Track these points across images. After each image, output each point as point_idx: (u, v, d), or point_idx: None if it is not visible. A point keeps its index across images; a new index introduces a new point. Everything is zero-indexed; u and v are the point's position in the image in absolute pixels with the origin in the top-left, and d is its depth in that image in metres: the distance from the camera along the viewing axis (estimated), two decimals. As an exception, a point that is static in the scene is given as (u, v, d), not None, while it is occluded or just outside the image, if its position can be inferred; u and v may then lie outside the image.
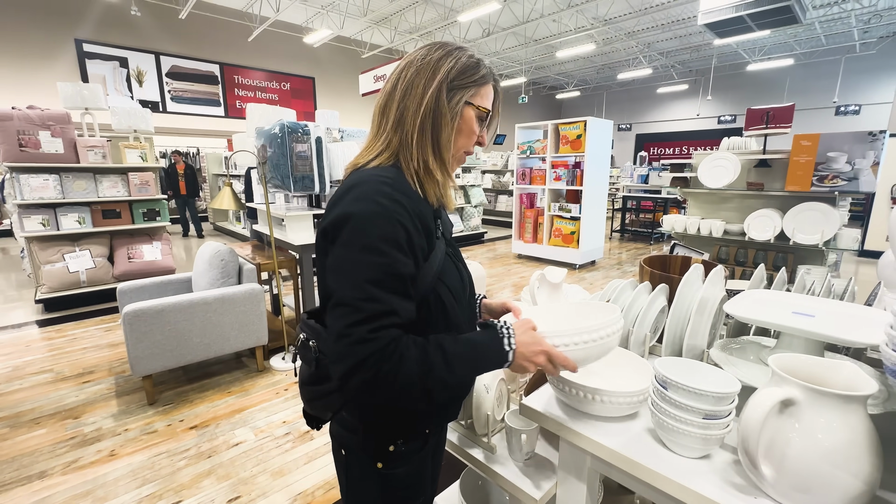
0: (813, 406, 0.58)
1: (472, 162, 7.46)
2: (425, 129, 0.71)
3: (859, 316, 0.80)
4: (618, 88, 17.02)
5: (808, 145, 2.40)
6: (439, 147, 0.72)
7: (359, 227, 0.62)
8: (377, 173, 0.68)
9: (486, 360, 0.67)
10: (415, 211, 0.65)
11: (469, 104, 0.73)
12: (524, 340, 0.69)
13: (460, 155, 0.77)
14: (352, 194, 0.65)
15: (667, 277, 1.10)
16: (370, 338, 0.58)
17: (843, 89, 11.94)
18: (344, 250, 0.62)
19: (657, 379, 0.74)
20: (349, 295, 0.60)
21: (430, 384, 0.61)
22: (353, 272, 0.61)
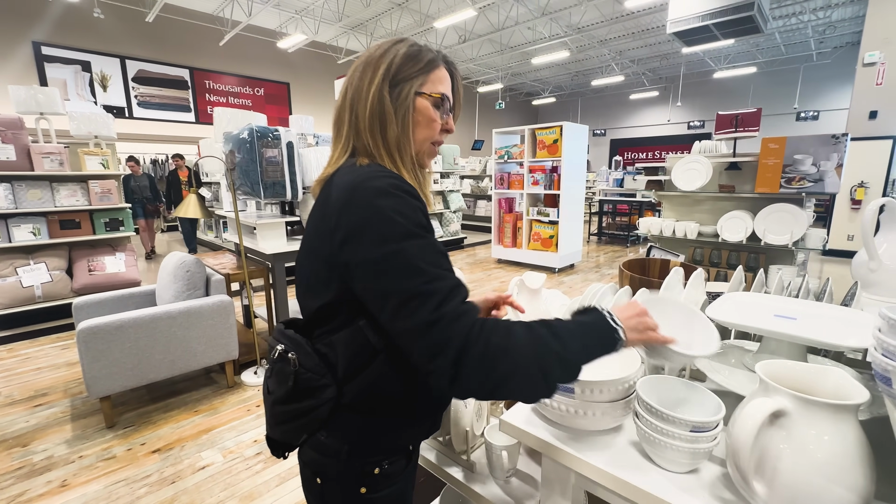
0: (804, 416, 0.55)
1: (451, 167, 7.45)
2: (374, 130, 0.68)
3: (841, 318, 0.79)
4: (592, 95, 17.41)
5: (775, 148, 2.46)
6: (397, 147, 0.69)
7: (385, 223, 0.58)
8: (374, 169, 0.64)
9: (594, 339, 0.61)
10: (420, 197, 0.64)
11: (420, 94, 0.69)
12: (626, 314, 0.66)
13: (427, 148, 0.73)
14: (357, 196, 0.61)
15: (647, 281, 1.08)
16: (464, 310, 0.56)
17: (802, 96, 12.54)
18: (383, 247, 0.58)
19: (641, 405, 0.70)
20: (413, 285, 0.56)
21: (545, 356, 0.57)
22: (405, 263, 0.57)
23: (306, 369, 0.67)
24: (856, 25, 9.89)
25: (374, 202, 0.59)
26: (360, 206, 0.59)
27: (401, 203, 0.59)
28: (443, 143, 0.78)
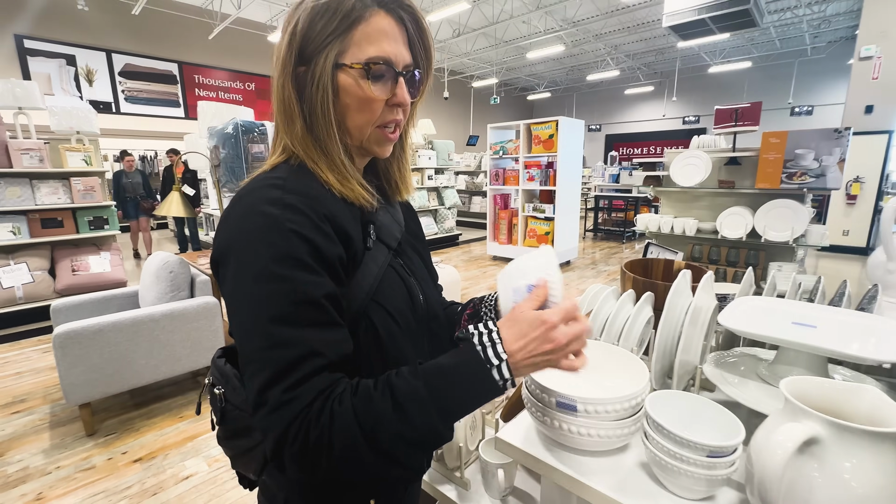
0: (839, 445, 0.48)
1: (445, 163, 7.36)
2: (285, 126, 0.56)
3: (865, 326, 0.72)
4: (587, 90, 17.34)
5: (776, 143, 2.40)
6: (316, 144, 0.55)
7: (244, 252, 0.47)
8: (265, 176, 0.52)
9: (464, 390, 0.47)
10: (322, 214, 0.50)
11: (340, 67, 0.52)
12: (515, 334, 0.49)
13: (374, 134, 0.57)
14: (234, 212, 0.50)
15: (651, 284, 1.01)
16: (287, 399, 0.43)
17: (796, 91, 12.55)
18: (234, 286, 0.48)
19: (651, 424, 0.64)
20: (252, 346, 0.46)
21: (383, 443, 0.45)
22: (249, 313, 0.46)
23: (234, 405, 0.58)
24: (850, 20, 9.88)
25: (239, 223, 0.49)
26: (227, 226, 0.50)
27: (269, 226, 0.46)
28: (401, 120, 0.59)
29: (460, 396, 0.48)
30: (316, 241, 0.48)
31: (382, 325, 0.56)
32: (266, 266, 0.46)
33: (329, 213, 0.51)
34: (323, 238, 0.49)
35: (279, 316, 0.45)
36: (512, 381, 0.49)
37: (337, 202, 0.54)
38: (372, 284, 0.56)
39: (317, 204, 0.50)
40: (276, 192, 0.49)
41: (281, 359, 0.44)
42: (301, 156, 0.55)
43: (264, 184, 0.51)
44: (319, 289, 0.47)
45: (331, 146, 0.55)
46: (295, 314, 0.45)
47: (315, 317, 0.47)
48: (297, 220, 0.48)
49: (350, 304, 0.53)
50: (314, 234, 0.48)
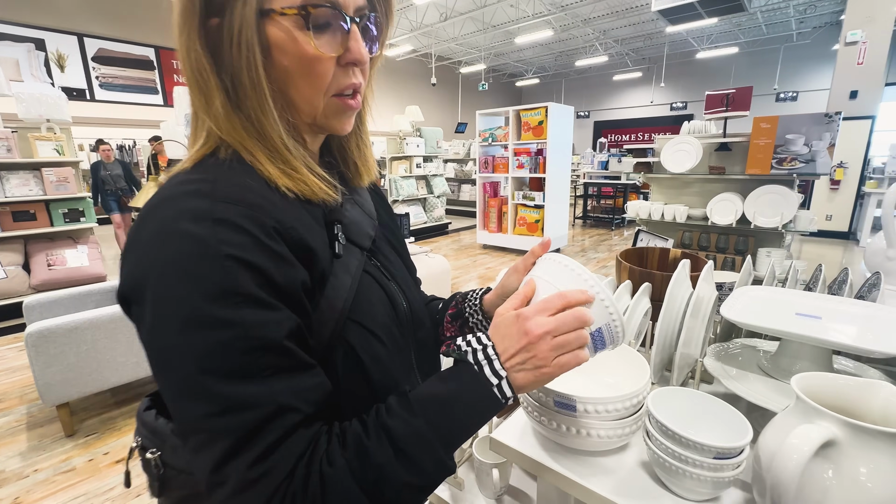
0: (856, 446, 0.46)
1: (434, 151, 7.26)
2: (202, 105, 0.43)
3: (871, 315, 0.70)
4: (575, 76, 17.23)
5: (767, 128, 2.39)
6: (249, 124, 0.42)
7: (164, 291, 0.35)
8: (185, 179, 0.40)
9: (469, 418, 0.41)
10: (270, 227, 0.38)
11: (267, 14, 0.39)
12: (498, 340, 0.43)
13: (330, 105, 0.45)
14: (145, 230, 0.37)
15: (648, 274, 0.98)
16: (257, 476, 0.34)
17: (782, 77, 12.63)
18: (155, 335, 0.36)
19: (653, 424, 0.60)
20: (194, 413, 0.35)
21: (390, 498, 0.38)
22: (184, 371, 0.35)
23: (177, 470, 0.47)
24: (836, 5, 9.91)
25: (153, 250, 0.36)
26: (136, 252, 0.38)
27: (196, 253, 0.35)
28: (359, 84, 0.46)
29: (465, 425, 0.42)
30: (265, 266, 0.36)
31: (364, 348, 0.46)
32: (199, 309, 0.34)
33: (280, 224, 0.39)
34: (275, 261, 0.37)
35: (229, 371, 0.34)
36: (515, 398, 0.43)
37: (290, 205, 0.42)
38: (347, 300, 0.45)
39: (261, 213, 0.38)
40: (201, 201, 0.36)
41: (240, 425, 0.34)
42: (232, 144, 0.42)
43: (184, 190, 0.38)
44: (278, 328, 0.36)
45: (268, 127, 0.43)
46: (250, 365, 0.35)
47: (278, 363, 0.36)
48: (235, 240, 0.36)
49: (322, 330, 0.43)
50: (262, 258, 0.36)
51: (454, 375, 0.43)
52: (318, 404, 0.39)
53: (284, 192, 0.42)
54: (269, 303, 0.36)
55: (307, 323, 0.41)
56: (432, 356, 0.63)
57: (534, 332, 0.41)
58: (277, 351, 0.37)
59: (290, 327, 0.38)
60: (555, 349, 0.42)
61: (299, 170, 0.44)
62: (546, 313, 0.43)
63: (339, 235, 0.47)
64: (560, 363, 0.42)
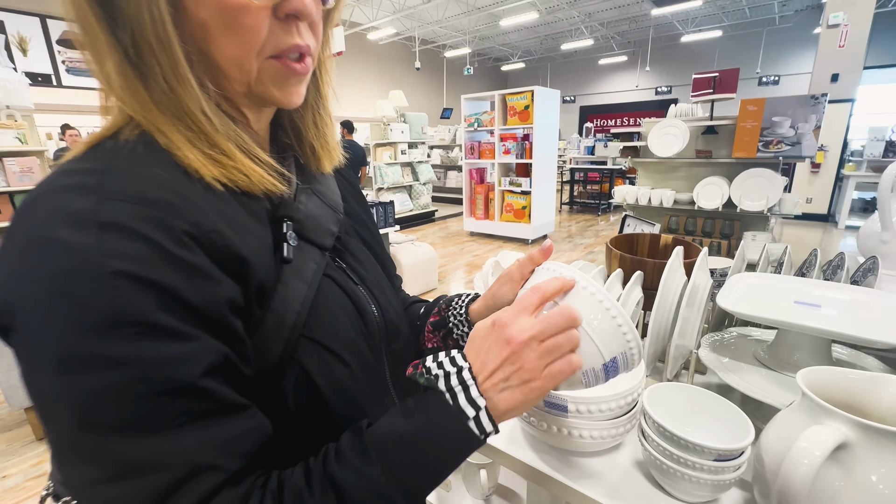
0: (868, 448, 0.42)
1: (419, 137, 7.12)
2: (103, 55, 0.33)
3: (871, 303, 0.67)
4: (561, 60, 17.08)
5: (754, 110, 2.36)
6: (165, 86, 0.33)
7: (35, 318, 0.27)
8: (68, 169, 0.31)
9: (438, 461, 0.35)
10: (181, 230, 0.30)
11: None
12: (473, 357, 0.37)
13: (268, 68, 0.36)
14: (15, 238, 0.29)
15: (640, 262, 0.94)
16: None
17: (764, 61, 12.71)
18: (31, 378, 0.28)
19: (650, 424, 0.57)
20: (81, 478, 0.28)
21: None
22: (64, 425, 0.27)
23: None
24: (817, -13, 9.95)
25: (21, 263, 0.28)
26: (2, 267, 0.29)
27: (74, 271, 0.27)
28: (307, 46, 0.37)
29: (433, 472, 0.35)
30: (172, 283, 0.28)
31: (321, 372, 0.39)
32: (78, 345, 0.26)
33: (197, 227, 0.31)
34: (186, 276, 0.29)
35: (123, 424, 0.27)
36: (495, 429, 0.36)
37: (216, 201, 0.34)
38: (300, 313, 0.38)
39: (168, 213, 0.29)
40: (83, 200, 0.28)
41: (140, 494, 0.27)
42: (142, 122, 0.33)
43: (63, 184, 0.29)
44: (191, 364, 0.29)
45: (186, 99, 0.33)
46: (153, 415, 0.27)
47: (191, 409, 0.29)
48: (128, 251, 0.27)
49: (267, 352, 0.36)
50: (167, 273, 0.28)
51: (421, 407, 0.35)
52: (249, 456, 0.32)
53: (210, 183, 0.34)
54: (178, 331, 0.28)
55: (240, 350, 0.33)
56: None
57: (516, 339, 0.35)
58: (191, 393, 0.29)
59: (209, 361, 0.30)
60: (543, 356, 0.35)
61: (231, 154, 0.35)
62: (526, 313, 0.37)
63: (289, 235, 0.39)
64: (551, 373, 0.36)
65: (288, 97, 0.39)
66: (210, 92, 0.35)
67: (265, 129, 0.45)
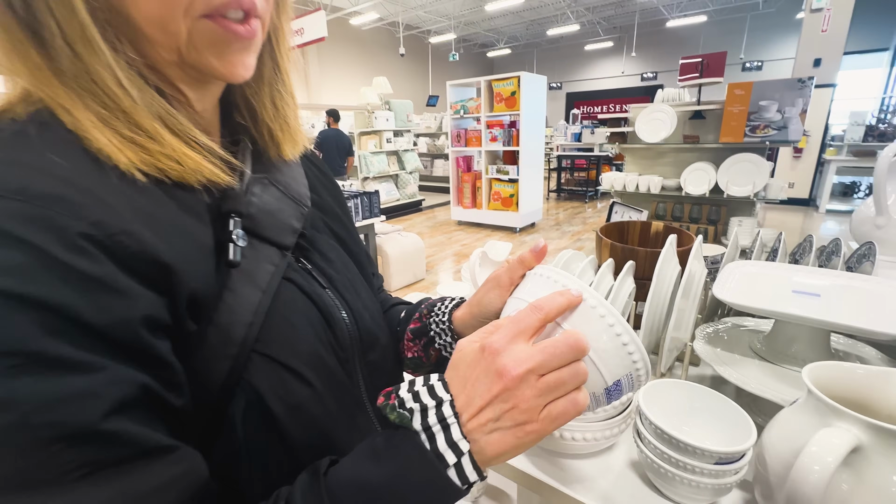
0: (882, 451, 0.39)
1: (404, 125, 6.99)
2: None
3: (872, 291, 0.64)
4: (547, 46, 16.94)
5: (741, 94, 2.34)
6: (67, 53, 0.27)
7: None
8: None
9: None
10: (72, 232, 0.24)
11: None
12: (479, 391, 0.30)
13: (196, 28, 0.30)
14: None
15: (631, 251, 0.90)
16: None
17: (748, 46, 12.78)
18: None
19: (646, 425, 0.53)
20: None
21: None
22: None
23: None
24: (800, -28, 9.98)
25: None
26: None
27: None
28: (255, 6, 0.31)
29: None
30: (63, 300, 0.23)
31: (278, 395, 0.33)
32: None
33: (100, 227, 0.25)
34: (84, 289, 0.24)
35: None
36: (480, 477, 0.30)
37: (136, 194, 0.28)
38: (252, 325, 0.33)
39: (61, 211, 0.24)
40: None
41: None
42: (43, 97, 0.27)
43: None
44: (92, 401, 0.23)
45: (96, 67, 0.27)
46: (40, 469, 0.22)
47: (93, 458, 0.23)
48: (5, 260, 0.22)
49: (210, 373, 0.31)
50: (56, 287, 0.23)
51: (391, 449, 0.29)
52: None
53: (128, 172, 0.28)
54: (72, 362, 0.23)
55: (167, 377, 0.27)
56: (391, 382, 0.51)
57: (511, 372, 0.29)
58: (93, 439, 0.23)
59: (118, 396, 0.24)
60: (543, 394, 0.29)
61: (157, 135, 0.29)
62: (523, 338, 0.31)
63: (237, 233, 0.33)
64: (551, 415, 0.30)
65: (230, 68, 0.33)
66: (130, 60, 0.29)
67: (212, 109, 0.39)
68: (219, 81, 0.37)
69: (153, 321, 0.27)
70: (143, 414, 0.26)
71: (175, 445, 0.27)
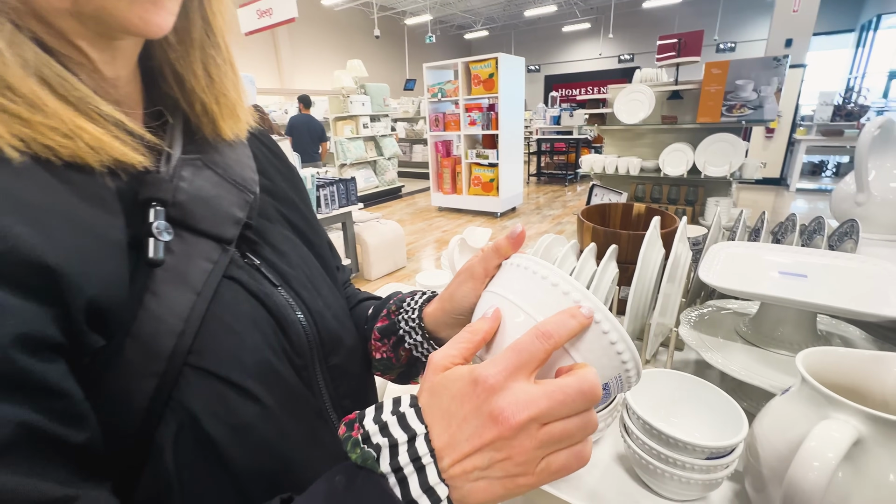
0: (884, 444, 0.37)
1: (381, 109, 6.81)
2: None
3: (857, 270, 0.63)
4: (525, 27, 16.75)
5: (718, 73, 2.34)
6: None
7: None
8: None
9: None
10: None
11: None
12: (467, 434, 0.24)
13: None
14: None
15: (614, 234, 0.87)
16: None
17: (722, 27, 12.91)
18: None
19: (633, 419, 0.50)
20: None
21: None
22: None
23: None
24: (772, -48, 10.05)
25: None
26: None
27: None
28: None
29: None
30: None
31: (217, 415, 0.29)
32: None
33: None
34: None
35: None
36: None
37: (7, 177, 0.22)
38: (183, 334, 0.28)
39: None
40: None
41: None
42: None
43: None
44: None
45: None
46: None
47: None
48: None
49: (127, 396, 0.26)
50: None
51: (353, 495, 0.24)
52: None
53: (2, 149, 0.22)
54: None
55: (61, 408, 0.22)
56: (359, 387, 0.44)
57: (510, 420, 0.23)
58: None
59: None
60: (545, 446, 0.24)
61: (38, 102, 0.24)
62: (525, 374, 0.25)
63: (158, 225, 0.28)
64: (551, 469, 0.25)
65: (140, 16, 0.26)
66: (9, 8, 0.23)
67: (129, 76, 0.33)
68: (131, 38, 0.30)
69: (34, 340, 0.21)
70: (24, 460, 0.20)
71: (71, 496, 0.22)
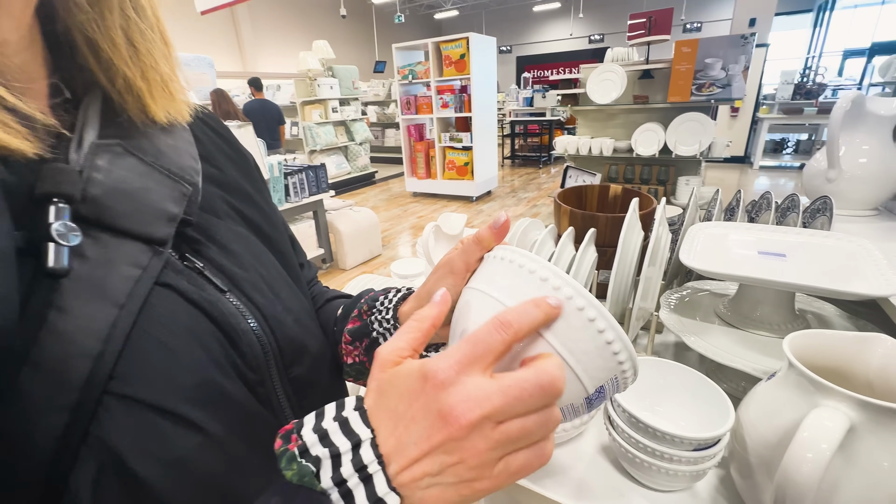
0: (874, 431, 0.36)
1: (350, 92, 6.59)
2: None
3: (833, 247, 0.62)
4: (496, 6, 16.48)
5: (688, 52, 2.34)
6: None
7: None
8: None
9: None
10: None
11: None
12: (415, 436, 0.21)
13: None
14: None
15: (592, 217, 0.85)
16: None
17: (688, 7, 13.07)
18: None
19: (618, 412, 0.48)
20: None
21: None
22: None
23: None
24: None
25: None
26: None
27: None
28: None
29: None
30: None
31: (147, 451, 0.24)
32: None
33: None
34: None
35: None
36: None
37: None
38: (102, 357, 0.23)
39: None
40: None
41: None
42: None
43: None
44: None
45: None
46: None
47: None
48: None
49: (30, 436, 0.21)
50: None
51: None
52: None
53: None
54: None
55: None
56: (328, 397, 0.37)
57: (460, 420, 0.20)
58: None
59: None
60: (501, 446, 0.21)
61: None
62: (480, 367, 0.22)
63: (59, 227, 0.23)
64: (510, 470, 0.22)
65: None
66: None
67: (24, 44, 0.27)
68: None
69: None
70: None
71: None
